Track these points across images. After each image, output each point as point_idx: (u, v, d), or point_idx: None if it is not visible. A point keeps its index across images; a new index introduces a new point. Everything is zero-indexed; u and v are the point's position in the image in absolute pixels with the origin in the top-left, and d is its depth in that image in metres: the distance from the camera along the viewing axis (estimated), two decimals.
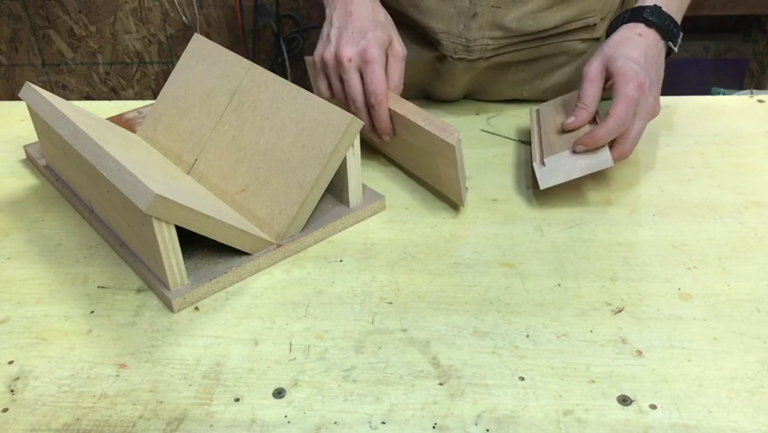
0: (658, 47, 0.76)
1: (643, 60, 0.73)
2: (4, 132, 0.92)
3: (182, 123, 0.78)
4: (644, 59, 0.73)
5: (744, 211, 0.73)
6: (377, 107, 0.74)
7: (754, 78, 2.18)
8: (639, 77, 0.71)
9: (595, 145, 0.71)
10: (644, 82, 0.71)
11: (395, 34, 0.78)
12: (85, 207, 0.73)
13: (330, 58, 0.75)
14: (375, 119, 0.75)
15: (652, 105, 0.72)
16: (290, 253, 0.68)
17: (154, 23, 2.22)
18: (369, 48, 0.73)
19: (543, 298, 0.62)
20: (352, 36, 0.74)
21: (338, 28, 0.76)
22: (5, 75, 2.36)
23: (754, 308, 0.60)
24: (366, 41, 0.74)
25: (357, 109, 0.75)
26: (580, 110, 0.75)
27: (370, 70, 0.73)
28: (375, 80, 0.73)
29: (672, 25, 0.76)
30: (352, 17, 0.76)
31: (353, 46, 0.74)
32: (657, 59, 0.75)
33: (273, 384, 0.54)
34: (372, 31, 0.75)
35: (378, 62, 0.73)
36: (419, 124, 0.72)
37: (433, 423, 0.51)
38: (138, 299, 0.63)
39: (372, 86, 0.73)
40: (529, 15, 0.86)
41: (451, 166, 0.71)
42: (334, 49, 0.75)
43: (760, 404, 0.51)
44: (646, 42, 0.75)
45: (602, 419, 0.51)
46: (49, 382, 0.55)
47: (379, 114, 0.74)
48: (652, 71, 0.74)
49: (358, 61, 0.74)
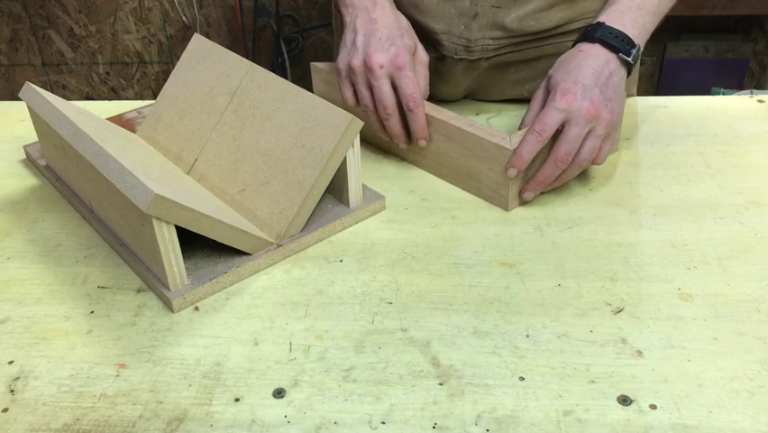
0: (603, 58, 0.74)
1: (576, 71, 0.72)
2: (4, 132, 0.92)
3: (182, 123, 0.78)
4: (578, 70, 0.72)
5: (744, 211, 0.73)
6: (415, 111, 0.74)
7: (754, 78, 2.18)
8: (567, 84, 0.70)
9: (524, 164, 0.70)
10: (572, 88, 0.70)
11: (418, 41, 0.79)
12: (85, 207, 0.73)
13: (358, 65, 0.75)
14: (413, 123, 0.75)
15: (587, 109, 0.70)
16: (290, 253, 0.68)
17: (154, 23, 2.22)
18: (400, 54, 0.74)
19: (543, 298, 0.62)
20: (380, 43, 0.75)
21: (364, 35, 0.76)
22: (5, 75, 2.36)
23: (754, 308, 0.60)
24: (396, 47, 0.74)
25: (388, 116, 0.75)
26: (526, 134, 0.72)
27: (404, 76, 0.74)
28: (411, 85, 0.74)
29: (619, 38, 0.74)
30: (378, 24, 0.76)
31: (384, 53, 0.74)
32: (600, 69, 0.73)
33: (273, 384, 0.54)
34: (400, 38, 0.76)
35: (410, 68, 0.74)
36: (466, 129, 0.73)
37: (433, 423, 0.51)
38: (138, 299, 0.63)
39: (409, 90, 0.74)
40: (530, 16, 0.86)
41: (500, 172, 0.71)
42: (363, 56, 0.75)
43: (760, 404, 0.51)
44: (586, 56, 0.74)
45: (602, 419, 0.51)
46: (49, 382, 0.55)
47: (418, 117, 0.75)
48: (588, 79, 0.71)
49: (390, 68, 0.74)
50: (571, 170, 0.72)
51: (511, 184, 0.72)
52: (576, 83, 0.71)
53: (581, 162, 0.71)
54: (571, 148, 0.70)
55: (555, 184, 0.74)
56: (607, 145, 0.72)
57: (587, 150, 0.71)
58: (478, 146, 0.73)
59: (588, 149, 0.71)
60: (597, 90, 0.71)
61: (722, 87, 2.00)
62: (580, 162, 0.71)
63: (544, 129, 0.69)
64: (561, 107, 0.69)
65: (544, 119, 0.70)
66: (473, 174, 0.75)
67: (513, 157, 0.70)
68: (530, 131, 0.70)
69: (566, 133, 0.70)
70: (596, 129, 0.70)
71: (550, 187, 0.74)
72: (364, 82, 0.76)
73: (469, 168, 0.75)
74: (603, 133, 0.71)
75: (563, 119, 0.70)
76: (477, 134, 0.72)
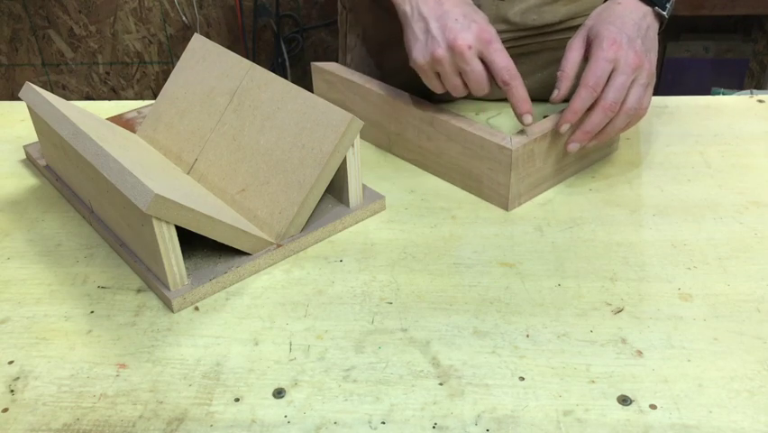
0: (640, 11, 0.75)
1: (619, 22, 0.73)
2: (4, 132, 0.92)
3: (182, 123, 0.78)
4: (621, 21, 0.73)
5: (744, 211, 0.73)
6: (512, 83, 0.71)
7: (754, 78, 2.18)
8: (612, 35, 0.71)
9: (576, 117, 0.71)
10: (618, 38, 0.71)
11: None
12: (85, 207, 0.73)
13: (443, 54, 0.69)
14: (513, 98, 0.71)
15: (633, 59, 0.71)
16: (290, 253, 0.68)
17: (154, 23, 2.22)
18: (485, 28, 0.70)
19: (543, 298, 0.62)
20: (459, 23, 0.69)
21: (437, 20, 0.70)
22: (5, 75, 2.36)
23: (754, 308, 0.60)
24: (477, 23, 0.70)
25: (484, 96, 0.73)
26: (560, 79, 0.74)
27: (494, 50, 0.70)
28: (504, 57, 0.70)
29: None
30: (446, 5, 0.71)
31: (468, 32, 0.69)
32: (639, 21, 0.74)
33: (273, 384, 0.54)
34: (474, 12, 0.72)
35: (498, 39, 0.70)
36: (466, 129, 0.73)
37: (433, 423, 0.51)
38: (138, 299, 0.63)
39: (503, 62, 0.70)
40: (533, 9, 0.85)
41: (501, 172, 0.71)
42: (446, 43, 0.69)
43: (760, 404, 0.51)
44: (625, 8, 0.75)
45: (602, 419, 0.51)
46: (49, 382, 0.55)
47: (517, 90, 0.71)
48: (630, 30, 0.72)
49: (478, 46, 0.70)
50: (619, 121, 0.72)
51: (511, 184, 0.72)
52: (621, 33, 0.71)
53: (628, 111, 0.71)
54: (619, 96, 0.70)
55: (600, 137, 0.73)
56: (648, 95, 0.73)
57: (633, 98, 0.71)
58: (478, 146, 0.73)
59: (634, 97, 0.71)
60: (639, 41, 0.72)
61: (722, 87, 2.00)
62: (627, 111, 0.71)
63: (597, 83, 0.70)
64: (609, 57, 0.70)
65: (596, 71, 0.70)
66: (473, 174, 0.75)
67: (566, 112, 0.71)
68: (583, 86, 0.70)
69: (613, 80, 0.70)
70: (639, 78, 0.71)
71: (594, 141, 0.73)
72: (453, 70, 0.71)
73: (469, 168, 0.75)
74: (646, 82, 0.72)
75: (612, 69, 0.70)
76: (477, 134, 0.72)
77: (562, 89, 0.73)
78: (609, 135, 0.73)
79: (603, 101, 0.70)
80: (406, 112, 0.79)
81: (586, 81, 0.70)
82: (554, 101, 0.74)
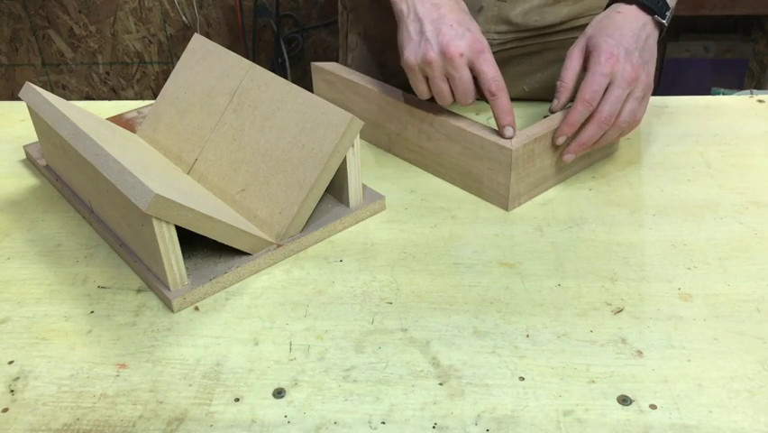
0: (640, 21, 0.75)
1: (618, 34, 0.73)
2: (4, 132, 0.92)
3: (182, 123, 0.78)
4: (620, 33, 0.73)
5: (744, 211, 0.73)
6: (498, 95, 0.71)
7: (754, 78, 2.18)
8: (610, 48, 0.71)
9: (572, 130, 0.72)
10: (615, 52, 0.71)
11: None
12: (85, 207, 0.73)
13: (434, 57, 0.69)
14: (497, 109, 0.72)
15: (629, 72, 0.71)
16: (290, 253, 0.68)
17: (154, 23, 2.22)
18: (477, 38, 0.70)
19: (543, 298, 0.62)
20: (453, 30, 0.70)
21: (432, 23, 0.71)
22: (5, 75, 2.36)
23: (754, 308, 0.60)
24: (470, 32, 0.70)
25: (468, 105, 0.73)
26: (560, 90, 0.75)
27: (484, 60, 0.70)
28: (494, 68, 0.71)
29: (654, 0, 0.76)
30: (443, 9, 0.72)
31: (461, 40, 0.69)
32: (638, 32, 0.74)
33: (273, 384, 0.54)
34: (470, 20, 0.72)
35: (489, 49, 0.71)
36: (467, 129, 0.73)
37: (433, 423, 0.51)
38: (138, 299, 0.63)
39: (493, 73, 0.70)
40: (535, 10, 0.85)
41: (501, 172, 0.72)
42: (439, 47, 0.69)
43: (760, 404, 0.51)
44: (625, 18, 0.75)
45: (602, 419, 0.51)
46: (49, 382, 0.55)
47: (502, 102, 0.71)
48: (628, 42, 0.73)
49: (469, 55, 0.70)
50: (612, 132, 0.73)
51: (511, 184, 0.72)
52: (619, 46, 0.72)
53: (621, 124, 0.73)
54: (614, 109, 0.71)
55: (595, 147, 0.75)
56: (643, 107, 0.74)
57: (627, 111, 0.72)
58: (478, 146, 0.73)
59: (628, 111, 0.72)
60: (636, 54, 0.72)
61: (722, 87, 2.00)
62: (620, 124, 0.73)
63: (593, 97, 0.71)
64: (605, 72, 0.71)
65: (592, 86, 0.71)
66: (473, 174, 0.75)
67: (563, 125, 0.72)
68: (580, 100, 0.71)
69: (609, 94, 0.71)
70: (635, 91, 0.72)
71: (589, 149, 0.75)
72: (441, 75, 0.71)
73: (469, 168, 0.75)
74: (641, 95, 0.73)
75: (608, 83, 0.71)
76: (477, 134, 0.72)
77: (562, 100, 0.75)
78: (601, 145, 0.75)
79: (599, 114, 0.71)
80: (407, 112, 0.79)
81: (583, 95, 0.71)
82: (554, 110, 0.76)
